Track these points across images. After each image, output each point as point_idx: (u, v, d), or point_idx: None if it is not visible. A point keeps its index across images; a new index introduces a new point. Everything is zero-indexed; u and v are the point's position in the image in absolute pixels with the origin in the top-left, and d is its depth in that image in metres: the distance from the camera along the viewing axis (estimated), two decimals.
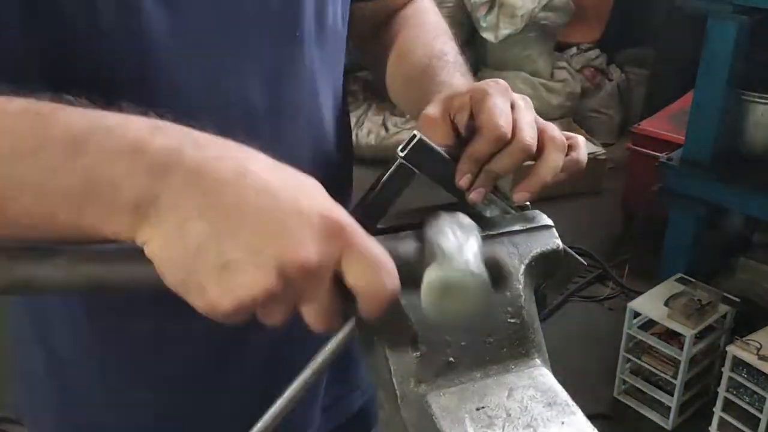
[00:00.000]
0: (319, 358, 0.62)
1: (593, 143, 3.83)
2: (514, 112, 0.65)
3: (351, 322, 0.62)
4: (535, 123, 0.66)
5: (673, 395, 2.27)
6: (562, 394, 0.57)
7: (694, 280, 2.36)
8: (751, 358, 2.05)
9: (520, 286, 0.61)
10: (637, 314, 2.32)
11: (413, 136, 0.60)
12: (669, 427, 2.32)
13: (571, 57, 4.36)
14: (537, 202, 0.67)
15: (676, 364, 2.22)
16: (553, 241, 0.64)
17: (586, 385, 2.42)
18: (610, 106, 4.30)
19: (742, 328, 2.26)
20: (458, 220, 0.57)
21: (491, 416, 0.54)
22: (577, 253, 0.68)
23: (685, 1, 2.31)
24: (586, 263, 0.73)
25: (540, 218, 0.65)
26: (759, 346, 2.06)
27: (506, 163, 0.63)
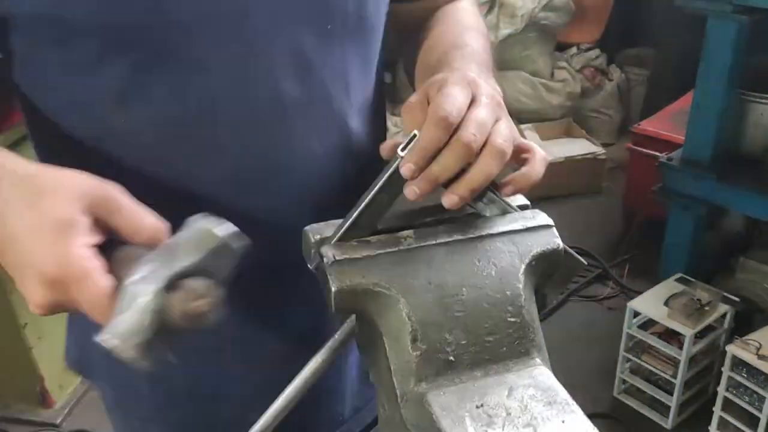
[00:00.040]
0: (318, 357, 0.62)
1: (593, 143, 3.83)
2: (470, 107, 0.62)
3: (351, 321, 0.62)
4: (498, 126, 0.63)
5: (672, 395, 2.27)
6: (562, 393, 0.57)
7: (694, 280, 2.36)
8: (750, 358, 2.05)
9: (520, 286, 0.61)
10: (636, 314, 2.32)
11: (413, 135, 0.60)
12: (668, 427, 2.32)
13: (571, 57, 4.35)
14: (537, 202, 0.67)
15: (675, 363, 2.22)
16: (554, 240, 0.64)
17: (585, 384, 2.42)
18: (610, 106, 4.29)
19: (741, 328, 2.26)
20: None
21: (491, 415, 0.54)
22: (577, 253, 0.68)
23: (685, 1, 2.31)
24: (586, 263, 0.73)
25: (540, 217, 0.65)
26: (758, 346, 2.06)
27: (448, 161, 0.60)
